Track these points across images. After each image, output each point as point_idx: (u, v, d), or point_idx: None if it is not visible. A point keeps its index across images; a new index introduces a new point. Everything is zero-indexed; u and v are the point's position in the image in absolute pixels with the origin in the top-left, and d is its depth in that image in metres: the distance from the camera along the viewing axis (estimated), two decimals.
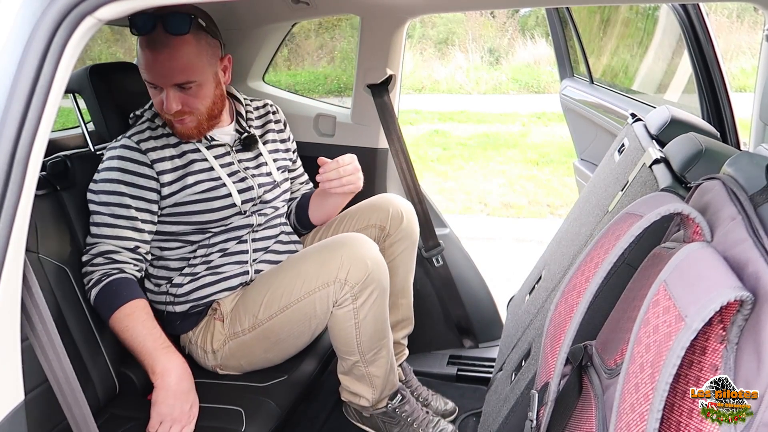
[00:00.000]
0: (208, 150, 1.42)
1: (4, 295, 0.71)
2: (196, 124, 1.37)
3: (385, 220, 1.57)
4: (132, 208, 1.33)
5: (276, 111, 1.62)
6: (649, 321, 0.62)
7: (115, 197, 1.32)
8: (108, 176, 1.33)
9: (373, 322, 1.37)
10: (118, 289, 1.29)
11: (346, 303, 1.34)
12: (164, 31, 1.25)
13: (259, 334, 1.39)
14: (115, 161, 1.34)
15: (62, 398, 0.83)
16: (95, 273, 1.30)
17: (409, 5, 1.74)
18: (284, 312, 1.36)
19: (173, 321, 1.44)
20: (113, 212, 1.32)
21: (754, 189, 0.70)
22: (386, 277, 1.38)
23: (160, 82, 1.30)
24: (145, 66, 1.29)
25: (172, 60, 1.27)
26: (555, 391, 0.82)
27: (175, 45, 1.27)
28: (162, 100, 1.31)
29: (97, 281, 1.29)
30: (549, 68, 8.64)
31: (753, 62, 6.77)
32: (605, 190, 1.42)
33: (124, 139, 1.36)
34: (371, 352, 1.41)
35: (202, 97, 1.34)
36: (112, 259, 1.31)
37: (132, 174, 1.34)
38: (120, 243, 1.32)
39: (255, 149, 1.50)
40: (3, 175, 0.68)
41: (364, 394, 1.48)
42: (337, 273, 1.31)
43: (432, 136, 6.89)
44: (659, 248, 0.82)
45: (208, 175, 1.40)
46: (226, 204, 1.40)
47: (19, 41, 0.69)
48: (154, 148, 1.35)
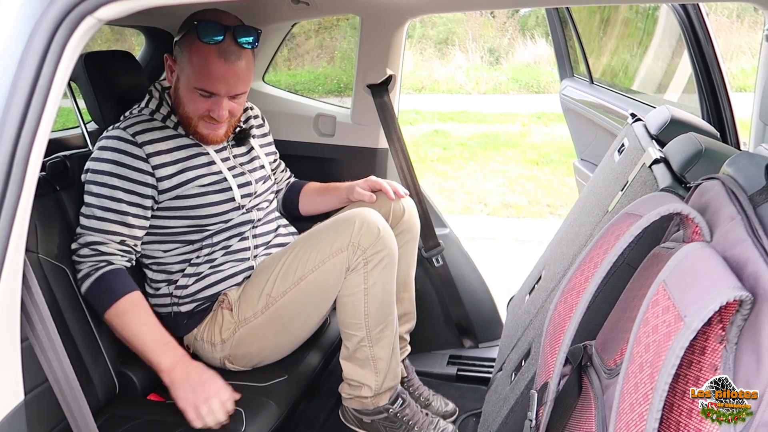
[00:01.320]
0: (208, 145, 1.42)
1: (4, 295, 0.71)
2: (226, 131, 1.40)
3: (386, 214, 1.58)
4: (124, 202, 1.32)
5: (252, 107, 1.64)
6: (649, 321, 0.62)
7: (107, 190, 1.31)
8: (101, 167, 1.32)
9: (382, 291, 1.39)
10: (110, 284, 1.28)
11: (358, 267, 1.36)
12: (235, 43, 1.28)
13: (272, 313, 1.39)
14: (108, 152, 1.32)
15: (62, 398, 0.83)
16: (83, 265, 1.29)
17: (409, 5, 1.74)
18: (298, 284, 1.37)
19: (180, 321, 1.45)
20: (103, 205, 1.31)
21: (754, 189, 0.70)
22: (395, 248, 1.40)
23: (222, 92, 1.31)
24: (211, 76, 1.28)
25: (241, 72, 1.30)
26: (554, 391, 0.82)
27: (243, 56, 1.30)
28: (210, 107, 1.33)
29: (87, 275, 1.29)
30: (549, 68, 8.64)
31: (753, 62, 6.77)
32: (605, 190, 1.42)
33: (118, 130, 1.34)
34: (377, 328, 1.42)
35: (242, 104, 1.39)
36: (98, 251, 1.30)
37: (126, 167, 1.32)
38: (107, 236, 1.32)
39: (247, 143, 1.51)
40: (3, 175, 0.68)
41: (366, 382, 1.46)
42: (351, 238, 1.34)
43: (432, 136, 6.88)
44: (659, 248, 0.82)
45: (208, 169, 1.40)
46: (225, 198, 1.41)
47: (19, 41, 0.69)
48: (150, 141, 1.35)
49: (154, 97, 1.41)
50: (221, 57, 1.27)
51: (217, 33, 1.26)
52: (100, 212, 1.31)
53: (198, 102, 1.33)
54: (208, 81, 1.29)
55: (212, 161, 1.41)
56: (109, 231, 1.32)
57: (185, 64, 1.31)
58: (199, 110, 1.34)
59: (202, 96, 1.32)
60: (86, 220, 1.32)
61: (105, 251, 1.31)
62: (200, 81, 1.30)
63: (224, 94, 1.32)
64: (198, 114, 1.35)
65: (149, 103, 1.41)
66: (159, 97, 1.41)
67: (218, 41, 1.26)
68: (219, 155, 1.43)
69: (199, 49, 1.28)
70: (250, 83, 1.37)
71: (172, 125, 1.39)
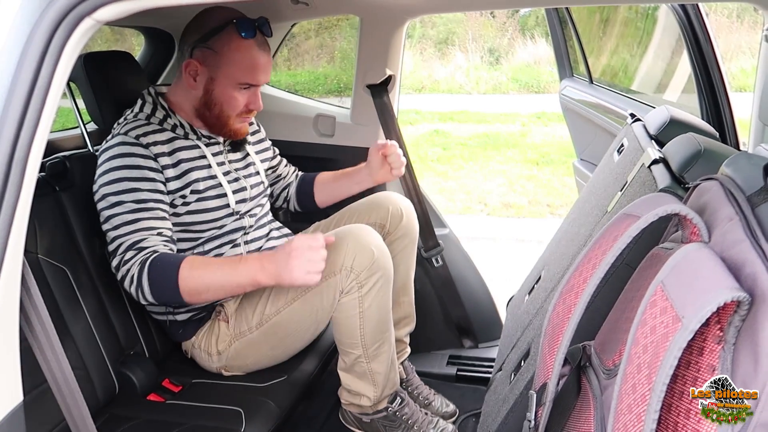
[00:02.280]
0: (207, 147, 1.42)
1: (3, 296, 0.71)
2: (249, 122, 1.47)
3: (385, 218, 1.57)
4: (150, 200, 1.29)
5: None
6: (647, 322, 0.62)
7: (129, 194, 1.28)
8: (114, 176, 1.28)
9: (377, 312, 1.37)
10: (163, 263, 1.22)
11: (352, 291, 1.34)
12: (262, 35, 1.36)
13: (266, 330, 1.38)
14: (117, 160, 1.29)
15: (61, 399, 0.83)
16: (132, 268, 1.23)
17: (409, 5, 1.74)
18: (291, 305, 1.36)
19: (176, 330, 1.45)
20: (130, 208, 1.27)
21: (752, 189, 0.70)
22: (391, 266, 1.38)
23: (263, 81, 1.37)
24: (256, 68, 1.34)
25: (271, 61, 1.39)
26: (553, 391, 0.82)
27: (269, 47, 1.39)
28: (249, 100, 1.38)
29: (139, 274, 1.22)
30: (549, 68, 8.63)
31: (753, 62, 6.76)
32: (604, 191, 1.42)
33: (120, 137, 1.32)
34: (374, 346, 1.41)
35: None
36: (141, 247, 1.24)
37: (139, 168, 1.30)
38: (144, 233, 1.27)
39: (243, 149, 1.51)
40: (1, 175, 0.69)
41: (365, 393, 1.47)
42: (344, 261, 1.32)
43: (432, 136, 6.88)
44: (657, 249, 0.82)
45: (207, 173, 1.39)
46: (221, 204, 1.40)
47: (18, 42, 0.69)
48: (154, 143, 1.33)
49: (147, 102, 1.39)
50: (261, 49, 1.34)
51: (252, 28, 1.32)
52: (130, 215, 1.27)
53: (239, 98, 1.37)
54: (253, 74, 1.34)
55: (209, 165, 1.40)
56: (145, 228, 1.27)
57: (223, 63, 1.32)
58: (239, 106, 1.37)
59: (239, 91, 1.36)
60: (116, 230, 1.26)
61: (148, 245, 1.25)
62: (246, 75, 1.34)
63: (264, 82, 1.38)
64: (238, 110, 1.38)
65: (143, 107, 1.39)
66: (153, 101, 1.40)
67: (253, 35, 1.32)
68: (215, 159, 1.43)
69: (239, 45, 1.32)
70: None
71: (169, 128, 1.38)
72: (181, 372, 1.47)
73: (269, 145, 1.67)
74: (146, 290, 1.22)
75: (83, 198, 1.37)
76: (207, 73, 1.34)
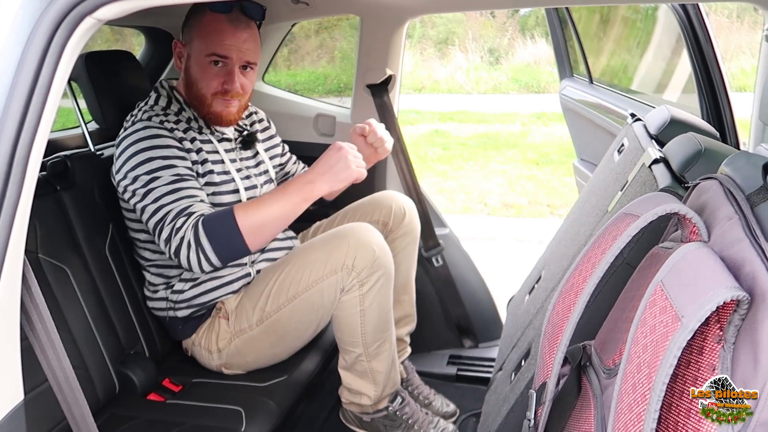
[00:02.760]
0: (219, 143, 1.42)
1: (4, 295, 0.71)
2: (237, 109, 1.40)
3: (387, 216, 1.57)
4: (186, 175, 1.28)
5: (257, 111, 1.64)
6: (646, 321, 0.62)
7: (166, 171, 1.25)
8: (144, 157, 1.26)
9: (378, 310, 1.37)
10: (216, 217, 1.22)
11: (353, 289, 1.34)
12: (243, 14, 1.33)
13: (266, 327, 1.38)
14: (145, 142, 1.27)
15: (62, 398, 0.83)
16: (186, 234, 1.20)
17: (409, 5, 1.74)
18: (292, 302, 1.36)
19: (176, 326, 1.45)
20: (170, 180, 1.25)
21: (751, 189, 0.70)
22: (392, 264, 1.38)
23: (234, 56, 1.33)
24: (220, 39, 1.31)
25: (250, 40, 1.35)
26: (553, 390, 0.82)
27: (252, 27, 1.36)
28: (223, 78, 1.34)
29: (195, 236, 1.20)
30: (549, 68, 8.63)
31: (753, 62, 6.76)
32: (605, 190, 1.42)
33: (141, 122, 1.31)
34: (375, 344, 1.41)
35: (252, 81, 1.41)
36: (190, 212, 1.23)
37: (169, 148, 1.29)
38: (189, 200, 1.25)
39: (253, 148, 1.51)
40: (2, 175, 0.69)
41: (365, 392, 1.47)
42: (345, 259, 1.32)
43: (432, 136, 6.88)
44: (657, 248, 0.82)
45: (221, 167, 1.39)
46: (234, 200, 1.40)
47: (19, 41, 0.69)
48: (176, 129, 1.34)
49: (162, 95, 1.40)
50: (231, 23, 1.32)
51: (226, 4, 1.31)
52: (171, 186, 1.25)
53: (211, 74, 1.34)
54: (220, 45, 1.32)
55: (222, 160, 1.40)
56: (189, 195, 1.26)
57: (195, 37, 1.34)
58: (212, 84, 1.34)
59: (214, 65, 1.34)
60: (158, 201, 1.24)
61: (195, 210, 1.23)
62: (212, 46, 1.32)
63: (236, 59, 1.34)
64: (212, 89, 1.35)
65: (158, 100, 1.39)
66: (167, 94, 1.40)
67: (228, 10, 1.31)
68: (228, 155, 1.43)
69: (210, 18, 1.32)
70: (259, 57, 1.40)
71: (184, 119, 1.39)
72: (182, 372, 1.47)
73: (279, 142, 1.66)
74: (208, 249, 1.20)
75: (84, 198, 1.37)
76: (185, 51, 1.37)
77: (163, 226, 1.23)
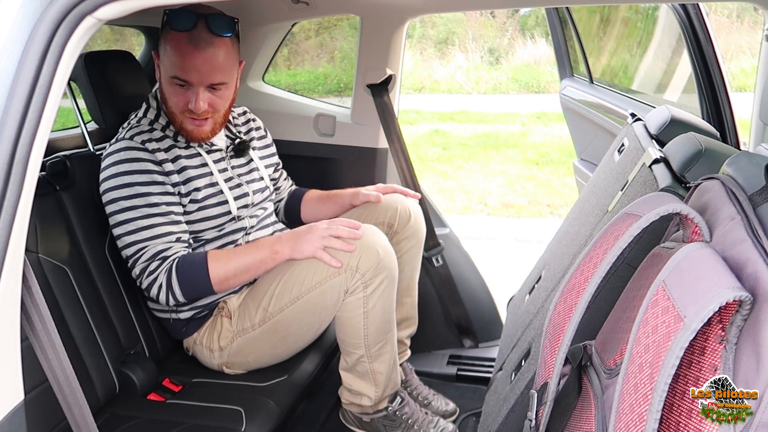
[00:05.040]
0: (208, 155, 1.41)
1: (4, 295, 0.71)
2: (212, 128, 1.37)
3: (393, 218, 1.57)
4: (162, 204, 1.30)
5: (254, 118, 1.63)
6: (648, 321, 0.62)
7: (141, 199, 1.28)
8: (122, 181, 1.29)
9: (381, 312, 1.37)
10: (189, 264, 1.29)
11: (357, 291, 1.34)
12: (207, 30, 1.25)
13: (268, 327, 1.38)
14: (124, 165, 1.29)
15: (62, 398, 0.83)
16: (159, 277, 1.28)
17: (409, 5, 1.74)
18: (295, 303, 1.35)
19: (179, 327, 1.45)
20: (144, 213, 1.28)
21: (753, 189, 0.70)
22: (396, 266, 1.38)
23: (195, 80, 1.27)
24: (182, 63, 1.26)
25: (214, 59, 1.27)
26: (554, 391, 0.82)
27: (217, 44, 1.27)
28: (189, 99, 1.30)
29: (168, 280, 1.28)
30: (549, 68, 8.63)
31: (753, 62, 6.76)
32: (605, 190, 1.42)
33: (124, 141, 1.32)
34: (377, 346, 1.41)
35: (226, 99, 1.35)
36: (165, 257, 1.29)
37: (148, 173, 1.31)
38: (165, 239, 1.29)
39: (247, 155, 1.50)
40: (3, 175, 0.68)
41: (366, 393, 1.47)
42: (349, 260, 1.31)
43: (432, 136, 6.88)
44: (658, 248, 0.82)
45: (208, 180, 1.39)
46: (223, 212, 1.40)
47: (19, 41, 0.69)
48: (158, 150, 1.34)
49: (151, 107, 1.39)
50: (191, 44, 1.25)
51: (188, 20, 1.24)
52: (145, 221, 1.28)
53: (177, 94, 1.30)
54: (181, 69, 1.27)
55: (210, 172, 1.40)
56: (163, 233, 1.29)
57: (162, 55, 1.30)
58: (179, 104, 1.31)
59: (179, 86, 1.29)
60: (132, 235, 1.28)
61: (170, 254, 1.30)
62: (174, 69, 1.27)
63: (198, 83, 1.28)
64: (179, 108, 1.32)
65: (147, 112, 1.39)
66: (156, 106, 1.40)
67: (189, 29, 1.24)
68: (217, 166, 1.42)
69: (172, 37, 1.26)
70: (231, 74, 1.32)
71: (171, 135, 1.38)
72: (182, 371, 1.47)
73: (275, 152, 1.66)
74: (177, 291, 1.29)
75: (84, 197, 1.37)
76: (160, 63, 1.34)
77: (136, 262, 1.29)
